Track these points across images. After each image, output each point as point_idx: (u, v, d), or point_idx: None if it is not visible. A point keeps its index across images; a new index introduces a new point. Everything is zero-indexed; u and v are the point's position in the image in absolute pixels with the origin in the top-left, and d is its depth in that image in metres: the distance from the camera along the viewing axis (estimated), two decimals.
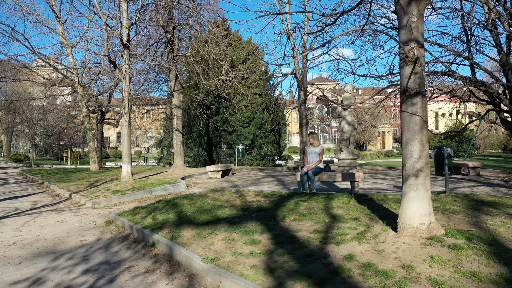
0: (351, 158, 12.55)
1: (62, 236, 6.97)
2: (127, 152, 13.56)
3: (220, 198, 8.42)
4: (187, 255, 4.99)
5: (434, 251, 4.20)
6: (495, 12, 13.53)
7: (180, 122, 18.37)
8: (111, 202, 10.26)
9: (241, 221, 6.28)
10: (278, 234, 5.45)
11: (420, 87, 4.61)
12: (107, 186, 12.59)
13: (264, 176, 14.84)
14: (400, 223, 4.74)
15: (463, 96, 18.30)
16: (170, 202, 8.40)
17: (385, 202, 6.98)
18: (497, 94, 13.95)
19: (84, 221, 8.27)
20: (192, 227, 6.25)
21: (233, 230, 5.82)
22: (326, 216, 6.12)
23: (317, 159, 8.73)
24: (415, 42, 4.60)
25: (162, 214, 7.42)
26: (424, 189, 4.65)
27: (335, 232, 5.26)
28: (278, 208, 6.96)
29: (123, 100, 13.28)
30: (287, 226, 5.84)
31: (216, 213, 6.94)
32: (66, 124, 37.06)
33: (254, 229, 5.77)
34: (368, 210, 6.36)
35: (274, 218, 6.34)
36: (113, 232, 7.18)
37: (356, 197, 7.36)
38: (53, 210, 9.77)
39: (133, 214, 7.80)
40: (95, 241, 6.58)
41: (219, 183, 12.41)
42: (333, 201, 7.12)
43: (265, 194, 8.45)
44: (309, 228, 5.59)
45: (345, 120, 12.81)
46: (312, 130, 11.13)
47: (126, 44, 13.28)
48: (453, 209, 6.19)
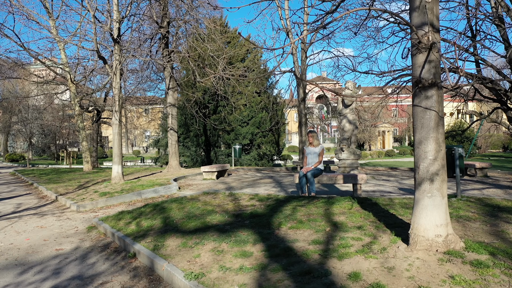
0: (352, 159, 11.93)
1: (37, 244, 6.35)
2: (118, 152, 12.93)
3: (212, 202, 7.79)
4: (168, 270, 4.37)
5: (454, 269, 3.57)
6: (503, 5, 12.92)
7: (175, 121, 17.75)
8: (98, 205, 9.63)
9: (232, 229, 5.65)
10: (272, 245, 4.83)
11: (435, 77, 3.99)
12: (96, 188, 11.97)
13: (261, 177, 14.21)
14: (413, 235, 4.11)
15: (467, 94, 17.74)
16: (158, 206, 7.77)
17: (391, 207, 6.35)
18: (504, 92, 13.34)
19: (65, 227, 7.65)
20: (178, 235, 5.63)
21: (222, 239, 5.20)
22: (326, 224, 5.50)
23: (317, 160, 8.10)
24: (430, 26, 3.98)
25: (148, 219, 6.80)
26: (441, 195, 4.03)
27: (337, 243, 4.64)
28: (273, 214, 6.33)
29: (113, 97, 12.65)
30: (283, 235, 5.21)
31: (205, 220, 6.31)
32: (61, 123, 36.40)
33: (246, 238, 5.15)
34: (373, 216, 5.73)
35: (269, 225, 5.71)
36: (93, 239, 6.56)
37: (359, 202, 6.74)
38: (35, 214, 9.14)
39: (117, 220, 7.17)
40: (72, 250, 5.96)
41: (214, 184, 11.79)
42: (334, 206, 6.50)
43: (260, 198, 7.82)
44: (308, 238, 4.97)
45: (346, 118, 12.19)
46: (311, 129, 10.59)
47: (116, 39, 12.65)
48: (468, 216, 5.57)
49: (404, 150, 49.40)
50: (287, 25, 19.70)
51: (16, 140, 53.46)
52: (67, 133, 39.90)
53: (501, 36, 13.49)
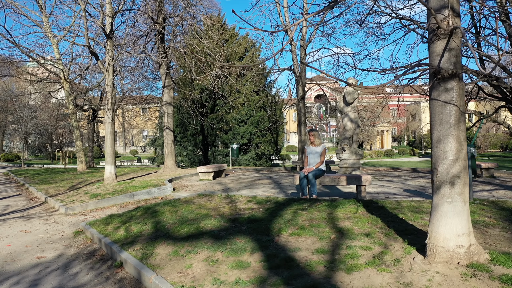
0: (354, 158, 11.47)
1: (18, 251, 5.88)
2: (110, 152, 12.44)
3: (207, 205, 7.32)
4: (156, 283, 3.91)
5: (481, 286, 3.11)
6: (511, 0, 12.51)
7: (171, 120, 17.27)
8: (87, 208, 9.15)
9: (228, 236, 5.19)
10: (272, 254, 4.37)
11: (456, 67, 3.54)
12: (88, 189, 11.48)
13: (259, 177, 13.74)
14: (430, 245, 3.65)
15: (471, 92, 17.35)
16: (149, 209, 7.30)
17: (399, 211, 5.89)
18: (510, 90, 12.94)
19: (51, 231, 7.18)
20: (169, 242, 5.16)
21: (217, 247, 4.74)
22: (331, 230, 5.04)
23: (319, 160, 7.63)
24: (450, 9, 3.53)
25: (138, 224, 6.32)
26: (462, 200, 3.58)
27: (343, 253, 4.18)
28: (273, 218, 5.86)
29: (105, 95, 12.17)
30: (283, 243, 4.76)
31: (199, 225, 5.84)
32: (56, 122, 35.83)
33: (243, 246, 4.69)
34: (381, 222, 5.28)
35: (268, 231, 5.25)
36: (79, 246, 6.09)
37: (365, 205, 6.27)
38: (21, 217, 8.66)
39: (106, 224, 6.70)
40: (55, 258, 5.49)
41: (210, 185, 11.32)
42: (338, 210, 6.03)
43: (258, 201, 7.34)
44: (311, 247, 4.51)
45: (347, 117, 11.73)
46: (312, 127, 10.16)
47: (109, 34, 12.17)
48: (485, 221, 5.12)
49: (403, 150, 49.05)
50: (285, 22, 19.23)
51: (13, 140, 52.82)
52: (63, 133, 39.33)
53: (507, 32, 13.09)
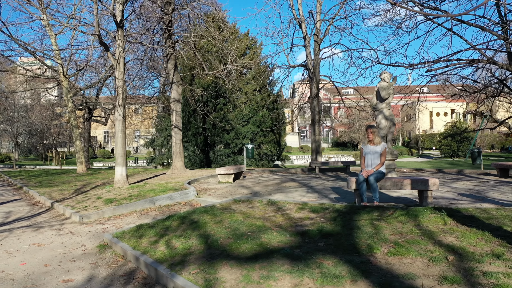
0: (389, 159, 10.54)
1: (37, 273, 4.81)
2: (121, 152, 11.33)
3: (253, 214, 6.29)
4: None
5: None
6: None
7: (180, 118, 16.20)
8: (104, 215, 8.06)
9: (306, 255, 4.18)
10: (383, 283, 3.37)
11: None
12: (98, 193, 10.37)
13: (281, 180, 12.72)
14: None
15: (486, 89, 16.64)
16: (185, 218, 6.25)
17: (498, 221, 4.94)
18: None
19: (70, 245, 6.10)
20: (232, 263, 4.14)
21: (301, 272, 3.73)
22: (438, 249, 4.06)
23: (378, 161, 6.66)
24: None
25: (180, 238, 5.29)
26: None
27: (485, 282, 3.20)
28: (350, 232, 4.86)
29: (116, 90, 11.09)
30: (385, 265, 3.76)
31: (261, 240, 4.82)
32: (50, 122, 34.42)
33: (337, 271, 3.69)
34: (490, 235, 4.31)
35: (355, 250, 4.25)
36: (110, 265, 5.03)
37: (449, 214, 5.30)
38: (29, 226, 7.56)
39: (137, 237, 5.64)
40: (85, 282, 4.43)
41: (234, 189, 10.29)
42: (421, 220, 5.06)
43: (313, 208, 6.32)
44: (429, 272, 3.52)
45: (382, 114, 10.79)
46: (371, 124, 9.36)
47: (120, 23, 11.10)
48: None
49: (401, 150, 48.53)
50: (299, 15, 18.27)
51: (1, 140, 51.11)
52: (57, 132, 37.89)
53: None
